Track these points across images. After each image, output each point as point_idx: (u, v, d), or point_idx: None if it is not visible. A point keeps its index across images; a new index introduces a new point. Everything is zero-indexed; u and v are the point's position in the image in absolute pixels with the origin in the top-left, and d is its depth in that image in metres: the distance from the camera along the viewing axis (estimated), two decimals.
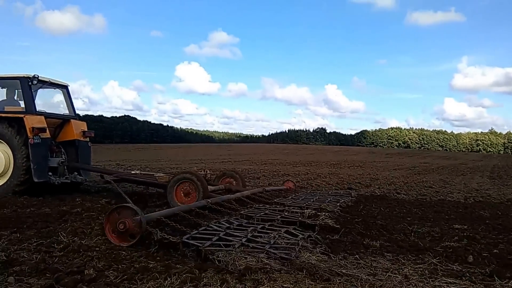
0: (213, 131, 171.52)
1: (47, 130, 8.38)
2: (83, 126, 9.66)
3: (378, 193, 11.44)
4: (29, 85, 8.51)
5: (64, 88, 9.71)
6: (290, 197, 8.96)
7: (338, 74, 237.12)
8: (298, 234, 5.18)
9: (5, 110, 8.54)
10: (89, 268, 3.64)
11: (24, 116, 8.08)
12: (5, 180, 8.08)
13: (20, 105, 8.84)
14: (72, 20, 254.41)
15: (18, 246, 4.29)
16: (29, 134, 7.97)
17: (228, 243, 4.45)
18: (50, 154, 8.74)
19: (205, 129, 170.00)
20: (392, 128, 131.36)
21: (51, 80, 9.14)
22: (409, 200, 10.28)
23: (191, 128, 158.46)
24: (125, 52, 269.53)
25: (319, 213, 6.48)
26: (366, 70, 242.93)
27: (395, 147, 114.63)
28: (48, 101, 9.89)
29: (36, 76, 8.50)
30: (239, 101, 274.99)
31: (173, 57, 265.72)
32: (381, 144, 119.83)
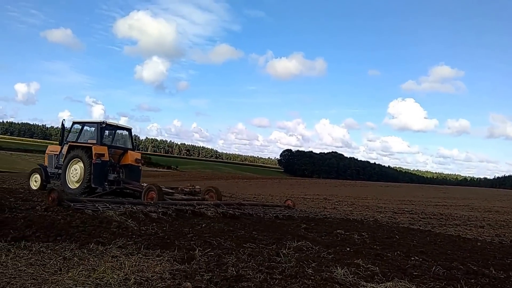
0: (425, 171, 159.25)
1: (106, 155, 12.52)
2: (138, 155, 14.03)
3: None
4: (100, 127, 12.98)
5: (128, 130, 14.30)
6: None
7: None
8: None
9: (88, 142, 13.00)
10: None
11: (93, 146, 12.44)
12: (79, 184, 12.52)
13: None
14: (296, 65, 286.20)
15: (246, 263, 5.01)
16: (93, 158, 12.19)
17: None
18: (112, 171, 12.98)
19: (416, 169, 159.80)
20: None
21: (117, 124, 13.97)
22: None
23: (400, 167, 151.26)
24: (339, 91, 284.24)
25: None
26: None
27: None
28: (121, 138, 14.45)
29: (105, 121, 13.17)
30: (459, 139, 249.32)
31: (387, 94, 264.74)
32: None
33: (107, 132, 13.63)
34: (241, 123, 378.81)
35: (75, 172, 12.64)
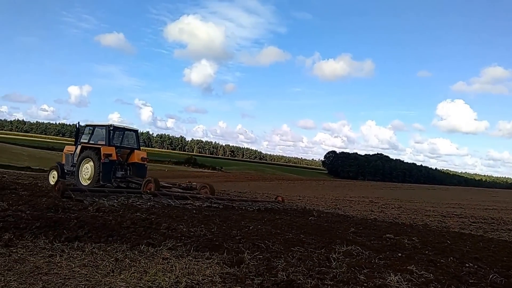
0: (474, 174, 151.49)
1: (114, 155, 13.75)
2: (143, 154, 15.15)
3: None
4: (109, 130, 14.14)
5: (134, 131, 15.47)
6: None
7: None
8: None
9: (97, 143, 14.17)
10: None
11: (102, 147, 13.70)
12: (90, 181, 13.64)
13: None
14: (343, 67, 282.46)
15: (296, 268, 4.86)
16: (102, 157, 13.42)
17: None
18: (120, 169, 14.34)
19: (465, 171, 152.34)
20: None
21: (124, 127, 15.23)
22: None
23: (448, 169, 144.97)
24: (386, 93, 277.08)
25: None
26: None
27: None
28: (129, 138, 15.52)
29: (112, 124, 14.32)
30: (510, 142, 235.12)
31: (436, 96, 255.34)
32: None
33: (116, 133, 14.74)
34: (286, 124, 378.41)
35: (87, 171, 13.94)
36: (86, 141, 14.61)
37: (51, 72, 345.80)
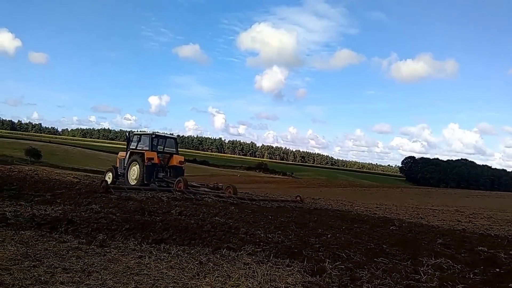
0: None
1: (155, 159, 15.78)
2: (181, 158, 17.02)
3: None
4: (151, 137, 16.34)
5: (174, 139, 17.82)
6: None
7: None
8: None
9: (143, 149, 16.22)
10: None
11: (145, 152, 15.83)
12: (136, 181, 15.53)
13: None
14: (424, 67, 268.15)
15: (381, 280, 4.60)
16: (145, 161, 15.51)
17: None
18: (161, 171, 16.28)
19: None
20: None
21: (165, 135, 17.45)
22: None
23: None
24: (471, 93, 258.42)
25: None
26: None
27: None
28: (169, 145, 17.34)
29: (155, 133, 16.67)
30: None
31: None
32: None
33: (158, 140, 16.92)
34: (359, 129, 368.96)
35: (133, 172, 16.09)
36: (134, 147, 16.89)
37: (133, 84, 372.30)
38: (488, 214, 18.81)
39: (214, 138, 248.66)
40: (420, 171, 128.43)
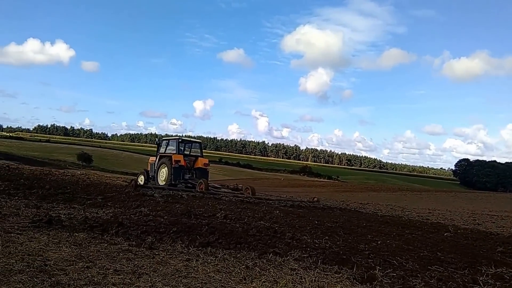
0: None
1: (182, 161, 17.02)
2: (205, 161, 18.45)
3: None
4: (178, 142, 17.89)
5: (198, 143, 19.39)
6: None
7: None
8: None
9: (171, 152, 17.67)
10: None
11: (173, 155, 17.25)
12: (164, 182, 16.69)
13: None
14: (480, 65, 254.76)
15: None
16: (173, 163, 16.78)
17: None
18: (187, 172, 17.44)
19: None
20: None
21: (191, 139, 19.53)
22: None
23: None
24: None
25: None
26: None
27: None
28: (194, 148, 19.01)
29: (181, 138, 18.68)
30: None
31: None
32: None
33: (184, 145, 18.45)
34: (409, 130, 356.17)
35: (162, 174, 17.36)
36: (163, 151, 18.33)
37: (178, 89, 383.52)
38: None
39: (257, 141, 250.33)
40: (475, 174, 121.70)
